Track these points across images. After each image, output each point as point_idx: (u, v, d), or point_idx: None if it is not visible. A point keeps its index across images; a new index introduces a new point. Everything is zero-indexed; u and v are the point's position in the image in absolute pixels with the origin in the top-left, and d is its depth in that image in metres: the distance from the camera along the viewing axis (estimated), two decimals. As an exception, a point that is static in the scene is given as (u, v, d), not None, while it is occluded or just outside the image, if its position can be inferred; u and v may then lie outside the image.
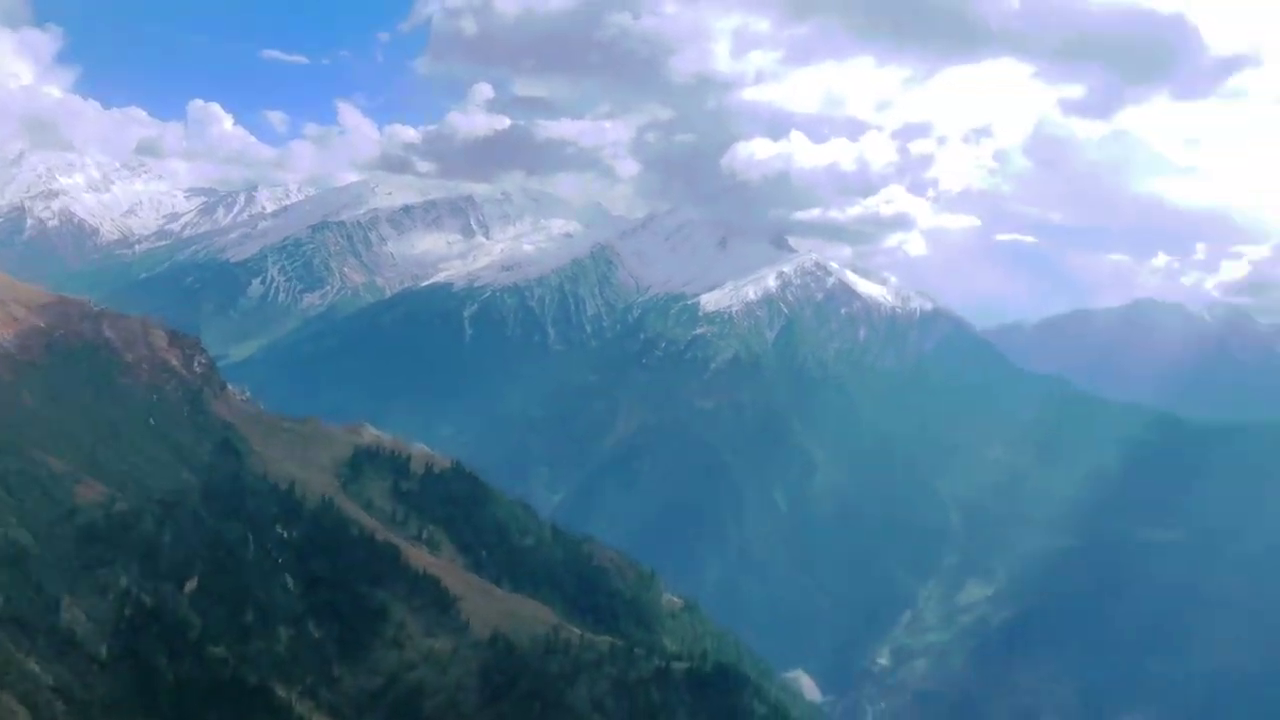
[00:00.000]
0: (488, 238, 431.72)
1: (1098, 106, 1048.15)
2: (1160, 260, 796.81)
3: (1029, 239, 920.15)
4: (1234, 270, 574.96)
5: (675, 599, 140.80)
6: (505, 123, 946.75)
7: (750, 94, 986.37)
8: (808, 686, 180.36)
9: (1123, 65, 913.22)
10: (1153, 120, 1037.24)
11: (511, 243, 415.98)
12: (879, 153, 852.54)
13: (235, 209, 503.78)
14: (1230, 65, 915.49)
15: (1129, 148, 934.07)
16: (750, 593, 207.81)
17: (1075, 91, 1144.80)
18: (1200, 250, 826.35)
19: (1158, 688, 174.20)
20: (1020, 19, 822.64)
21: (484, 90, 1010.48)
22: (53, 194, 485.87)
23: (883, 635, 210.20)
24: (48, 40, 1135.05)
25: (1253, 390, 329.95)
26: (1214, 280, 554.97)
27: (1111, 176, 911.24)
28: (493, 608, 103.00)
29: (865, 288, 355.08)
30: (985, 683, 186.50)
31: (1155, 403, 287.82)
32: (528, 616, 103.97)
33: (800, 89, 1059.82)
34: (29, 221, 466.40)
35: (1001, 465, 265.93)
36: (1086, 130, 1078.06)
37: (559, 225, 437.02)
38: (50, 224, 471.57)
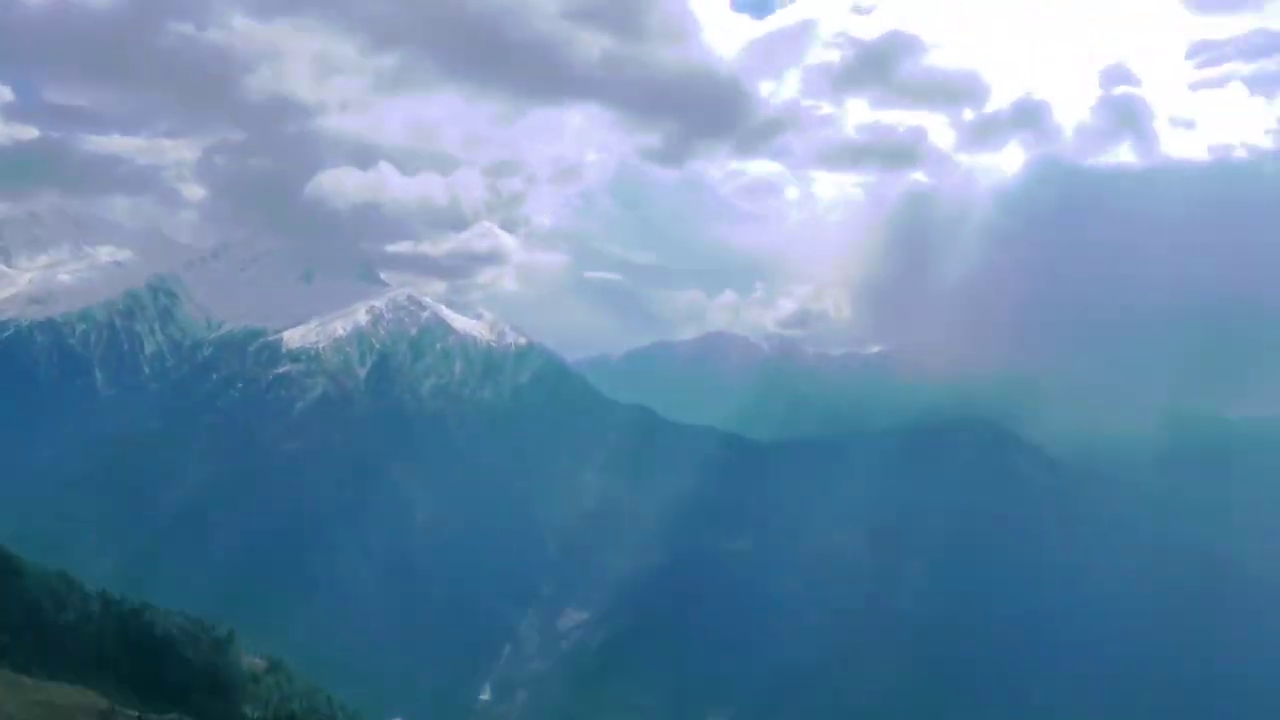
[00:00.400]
0: (10, 265, 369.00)
1: (672, 155, 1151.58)
2: (728, 297, 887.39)
3: (615, 276, 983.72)
4: (786, 307, 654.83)
5: (259, 660, 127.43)
6: (32, 133, 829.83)
7: (334, 121, 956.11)
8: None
9: (690, 119, 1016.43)
10: (717, 170, 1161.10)
11: (44, 272, 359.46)
12: (470, 188, 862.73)
13: None
14: (775, 127, 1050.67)
15: (699, 194, 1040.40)
16: (346, 643, 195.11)
17: (652, 140, 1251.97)
18: (759, 289, 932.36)
19: (736, 685, 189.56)
20: (601, 68, 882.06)
21: (2, 93, 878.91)
22: None
23: (485, 671, 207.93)
24: None
25: (804, 411, 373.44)
26: (771, 315, 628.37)
27: (685, 220, 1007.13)
28: (21, 701, 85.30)
29: (461, 323, 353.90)
30: (584, 704, 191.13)
31: (726, 425, 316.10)
32: (67, 704, 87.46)
33: (388, 120, 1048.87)
34: None
35: (594, 492, 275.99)
36: (663, 176, 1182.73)
37: (108, 253, 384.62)
38: None
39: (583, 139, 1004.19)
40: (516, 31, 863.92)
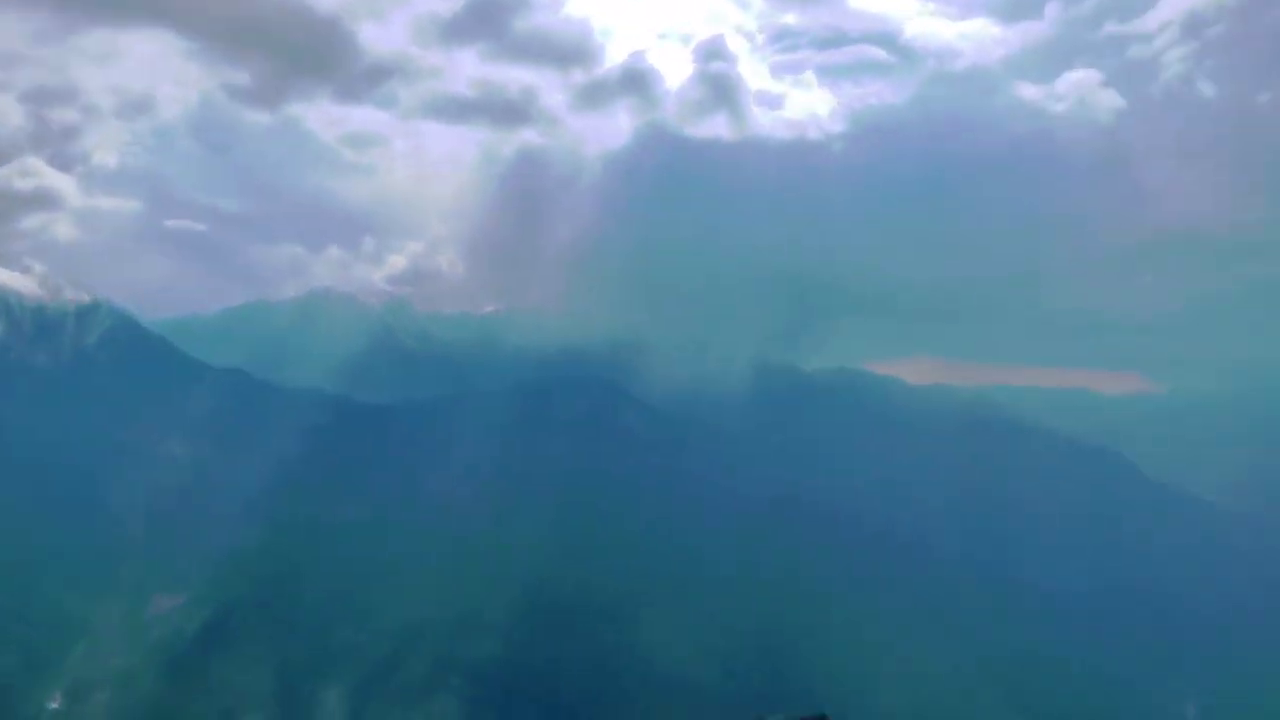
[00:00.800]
0: None
1: (264, 96, 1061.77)
2: (334, 253, 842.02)
3: (201, 226, 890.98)
4: (397, 263, 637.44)
5: None
6: None
7: None
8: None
9: (285, 58, 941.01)
10: (318, 117, 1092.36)
11: None
12: (6, 116, 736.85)
13: None
14: (380, 74, 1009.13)
15: (297, 140, 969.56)
16: None
17: (241, 77, 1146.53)
18: (368, 244, 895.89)
19: (347, 655, 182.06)
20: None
21: None
22: None
23: (52, 674, 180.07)
24: None
25: (416, 371, 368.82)
26: (381, 272, 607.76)
27: (282, 168, 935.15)
28: None
29: (4, 277, 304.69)
30: (180, 695, 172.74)
31: (333, 388, 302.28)
32: None
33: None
34: None
35: (182, 464, 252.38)
36: (254, 118, 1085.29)
37: None
38: None
39: (155, 69, 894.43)
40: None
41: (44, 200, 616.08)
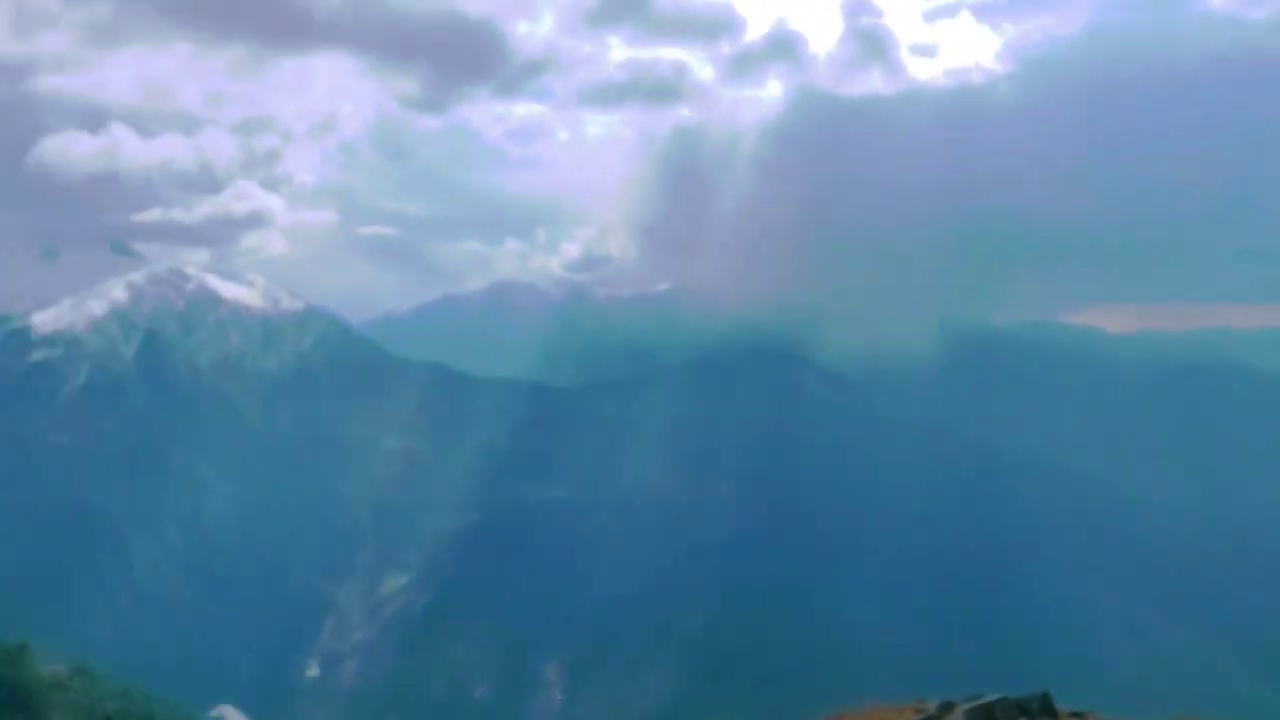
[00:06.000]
0: None
1: (432, 101, 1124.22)
2: (511, 245, 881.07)
3: (390, 231, 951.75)
4: (571, 251, 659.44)
5: (60, 668, 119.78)
6: None
7: (51, 81, 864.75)
8: (234, 718, 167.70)
9: (446, 63, 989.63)
10: (481, 115, 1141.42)
11: None
12: (220, 147, 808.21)
13: None
14: (535, 68, 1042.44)
15: (466, 140, 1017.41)
16: (156, 638, 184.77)
17: (409, 87, 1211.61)
18: (542, 234, 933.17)
19: (565, 630, 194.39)
20: (344, 13, 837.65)
21: None
22: None
23: (309, 647, 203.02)
24: None
25: (600, 354, 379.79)
26: (557, 260, 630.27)
27: (455, 168, 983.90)
28: None
29: (231, 291, 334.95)
30: (416, 667, 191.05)
31: (524, 375, 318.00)
32: None
33: (113, 77, 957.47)
34: None
35: (397, 455, 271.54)
36: (426, 124, 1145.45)
37: None
38: None
39: (336, 89, 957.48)
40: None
41: (258, 220, 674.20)
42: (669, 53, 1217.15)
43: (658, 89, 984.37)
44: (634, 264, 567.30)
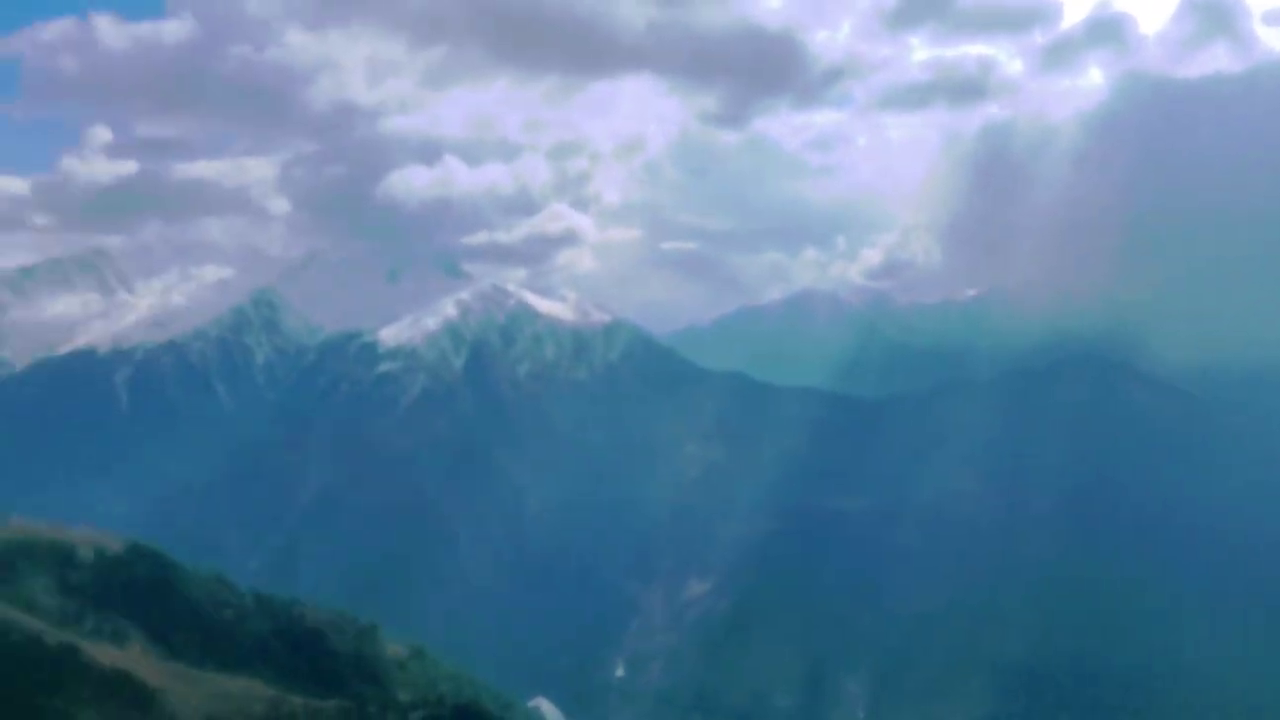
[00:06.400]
0: (130, 293, 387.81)
1: (732, 116, 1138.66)
2: (811, 254, 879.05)
3: (691, 245, 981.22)
4: (871, 258, 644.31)
5: (401, 648, 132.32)
6: (132, 167, 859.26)
7: (396, 121, 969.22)
8: (550, 712, 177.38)
9: (745, 77, 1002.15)
10: (781, 126, 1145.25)
11: (159, 296, 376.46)
12: (535, 172, 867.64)
13: None
14: (834, 75, 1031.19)
15: (766, 152, 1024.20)
16: (479, 628, 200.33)
17: (709, 103, 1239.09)
18: (841, 242, 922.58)
19: (870, 643, 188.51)
20: (649, 36, 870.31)
21: (101, 133, 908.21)
22: None
23: (616, 646, 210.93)
24: None
25: (903, 363, 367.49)
26: (857, 268, 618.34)
27: (755, 180, 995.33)
28: (200, 693, 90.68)
29: (546, 306, 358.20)
30: (718, 673, 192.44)
31: (823, 384, 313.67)
32: (241, 695, 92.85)
33: (446, 114, 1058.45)
34: None
35: (698, 462, 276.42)
36: (725, 139, 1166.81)
37: (212, 272, 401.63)
38: None
39: (640, 110, 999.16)
40: (557, 8, 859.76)
41: (570, 238, 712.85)
42: (974, 49, 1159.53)
43: (963, 87, 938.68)
44: (939, 269, 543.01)
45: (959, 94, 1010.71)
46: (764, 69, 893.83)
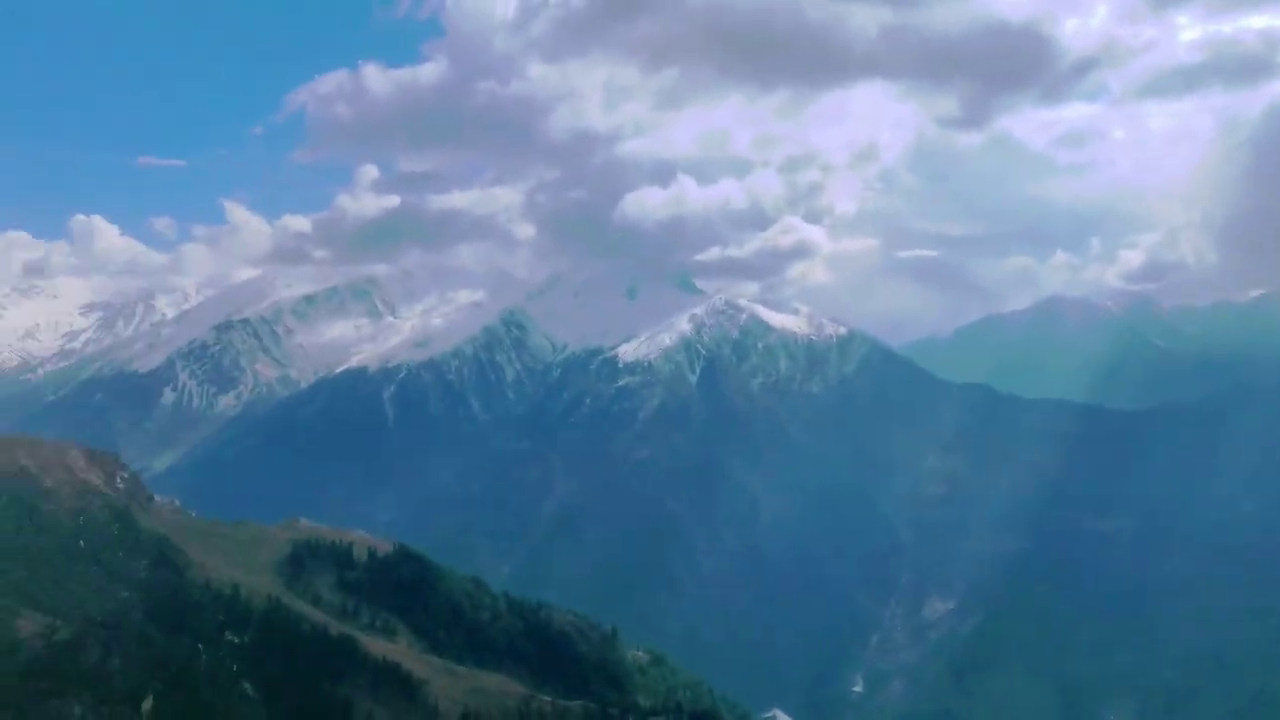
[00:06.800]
0: (395, 316, 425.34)
1: (973, 118, 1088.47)
2: (1060, 258, 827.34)
3: (930, 253, 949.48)
4: (1131, 259, 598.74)
5: (641, 654, 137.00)
6: (395, 201, 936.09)
7: (631, 145, 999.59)
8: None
9: (986, 75, 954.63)
10: (1025, 125, 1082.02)
11: (420, 319, 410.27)
12: (768, 186, 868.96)
13: (135, 319, 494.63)
14: (1086, 65, 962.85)
15: (1009, 153, 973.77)
16: (714, 637, 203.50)
17: (949, 105, 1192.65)
18: (1096, 244, 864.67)
19: (1133, 677, 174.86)
20: (881, 41, 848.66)
21: (369, 171, 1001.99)
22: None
23: (853, 661, 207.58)
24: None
25: (1169, 372, 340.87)
26: (1114, 271, 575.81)
27: (997, 183, 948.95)
28: (459, 687, 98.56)
29: (778, 320, 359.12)
30: (963, 695, 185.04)
31: (1076, 396, 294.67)
32: (496, 691, 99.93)
33: (679, 134, 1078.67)
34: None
35: (939, 476, 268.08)
36: (965, 141, 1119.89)
37: (465, 295, 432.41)
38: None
39: (873, 117, 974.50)
40: (788, 22, 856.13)
41: (802, 251, 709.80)
42: (1255, 21, 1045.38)
43: (1241, 66, 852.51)
44: (1212, 270, 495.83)
45: (1236, 74, 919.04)
46: (1007, 65, 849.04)
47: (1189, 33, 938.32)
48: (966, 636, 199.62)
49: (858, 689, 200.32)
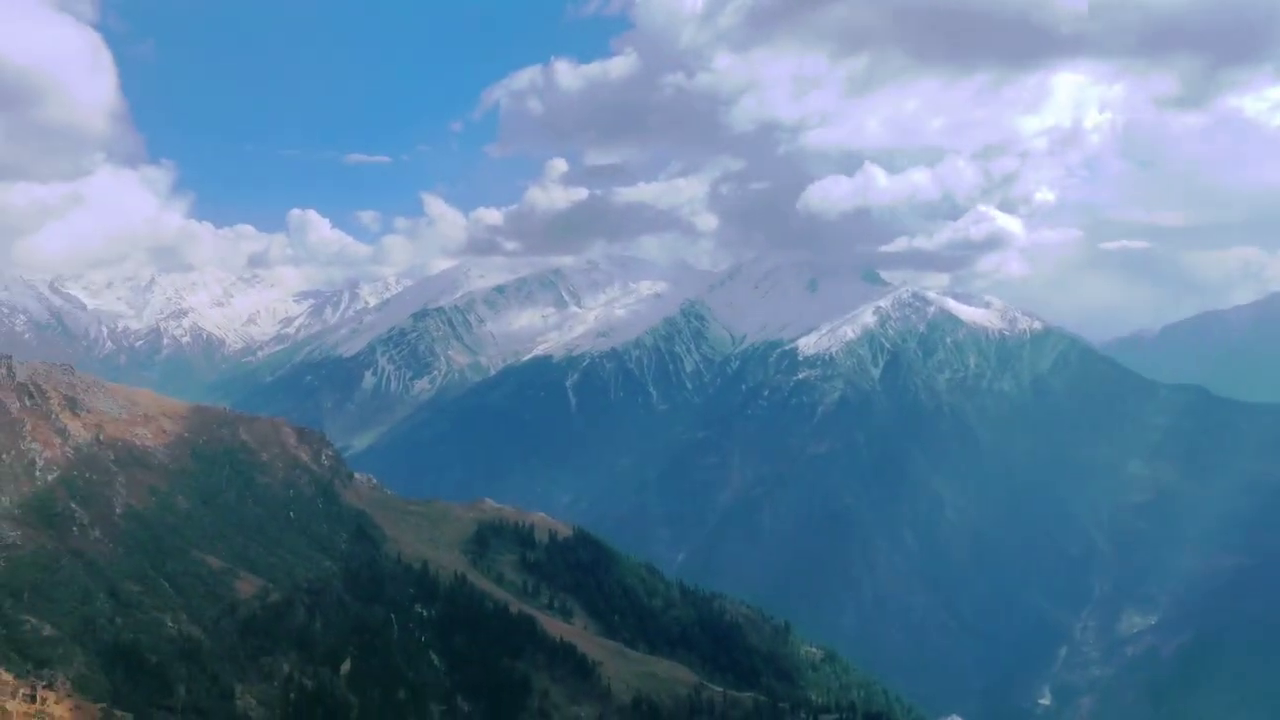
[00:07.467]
0: (580, 306, 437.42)
1: (1193, 97, 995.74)
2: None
3: (1139, 244, 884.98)
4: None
5: (814, 650, 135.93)
6: (583, 194, 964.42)
7: (817, 135, 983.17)
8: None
9: (1212, 49, 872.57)
10: (1256, 103, 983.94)
11: (604, 309, 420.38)
12: (960, 175, 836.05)
13: (341, 307, 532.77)
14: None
15: (1235, 135, 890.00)
16: (890, 637, 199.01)
17: (1166, 84, 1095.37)
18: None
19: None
20: (1091, 21, 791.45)
21: (559, 165, 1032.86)
22: (182, 313, 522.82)
23: (1039, 672, 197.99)
24: (163, 174, 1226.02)
25: None
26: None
27: (1221, 167, 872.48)
28: (631, 671, 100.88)
29: (968, 314, 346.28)
30: (1163, 717, 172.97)
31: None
32: (667, 677, 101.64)
33: (866, 122, 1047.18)
34: (165, 340, 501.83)
35: (1144, 482, 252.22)
36: (1184, 123, 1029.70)
37: (647, 286, 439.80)
38: (183, 340, 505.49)
39: (1079, 101, 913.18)
40: (988, 2, 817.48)
41: (996, 242, 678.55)
42: None
43: None
44: None
45: None
46: (1237, 38, 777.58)
47: None
48: (1169, 655, 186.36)
49: (1045, 701, 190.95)
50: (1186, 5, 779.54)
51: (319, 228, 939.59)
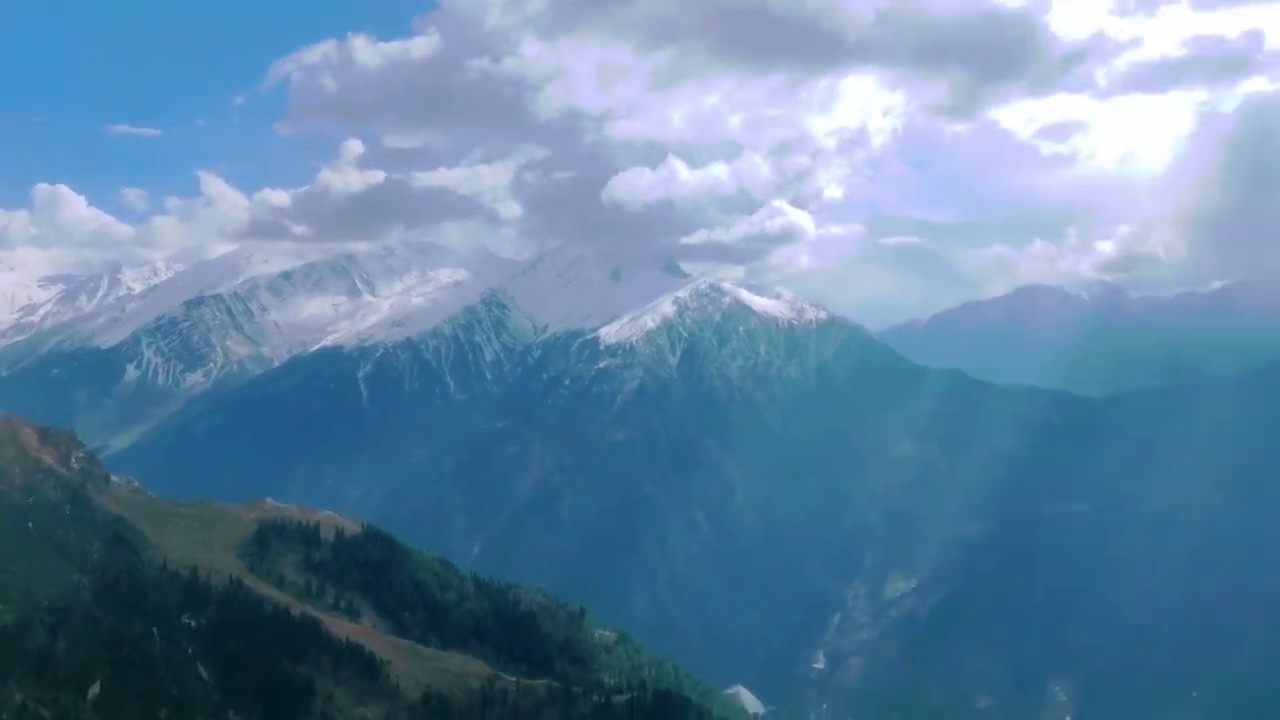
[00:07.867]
0: (374, 295, 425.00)
1: (961, 107, 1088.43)
2: (1039, 248, 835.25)
3: (913, 240, 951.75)
4: (1105, 250, 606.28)
5: (608, 634, 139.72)
6: (380, 177, 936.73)
7: (623, 125, 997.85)
8: (748, 700, 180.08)
9: (977, 64, 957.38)
10: (1012, 116, 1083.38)
11: (399, 297, 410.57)
12: (756, 171, 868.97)
13: (99, 293, 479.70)
14: (1074, 58, 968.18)
15: (996, 143, 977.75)
16: (682, 617, 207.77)
17: (938, 94, 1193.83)
18: (1073, 235, 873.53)
19: (1080, 653, 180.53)
20: (875, 29, 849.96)
21: (354, 147, 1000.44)
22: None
23: (816, 640, 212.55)
24: None
25: (1135, 361, 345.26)
26: (1089, 261, 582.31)
27: (983, 172, 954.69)
28: (422, 667, 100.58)
29: (760, 304, 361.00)
30: (919, 671, 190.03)
31: (1046, 383, 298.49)
32: (459, 672, 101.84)
33: (670, 115, 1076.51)
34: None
35: (911, 461, 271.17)
36: (953, 130, 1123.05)
37: (447, 274, 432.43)
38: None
39: (865, 104, 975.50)
40: (784, 6, 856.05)
41: (788, 236, 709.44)
42: (1243, 18, 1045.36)
43: (1223, 63, 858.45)
44: (1182, 262, 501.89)
45: (1218, 70, 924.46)
46: (998, 55, 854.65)
47: (1175, 28, 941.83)
48: (926, 615, 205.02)
49: (819, 666, 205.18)
50: (956, 21, 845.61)
51: (73, 205, 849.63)
